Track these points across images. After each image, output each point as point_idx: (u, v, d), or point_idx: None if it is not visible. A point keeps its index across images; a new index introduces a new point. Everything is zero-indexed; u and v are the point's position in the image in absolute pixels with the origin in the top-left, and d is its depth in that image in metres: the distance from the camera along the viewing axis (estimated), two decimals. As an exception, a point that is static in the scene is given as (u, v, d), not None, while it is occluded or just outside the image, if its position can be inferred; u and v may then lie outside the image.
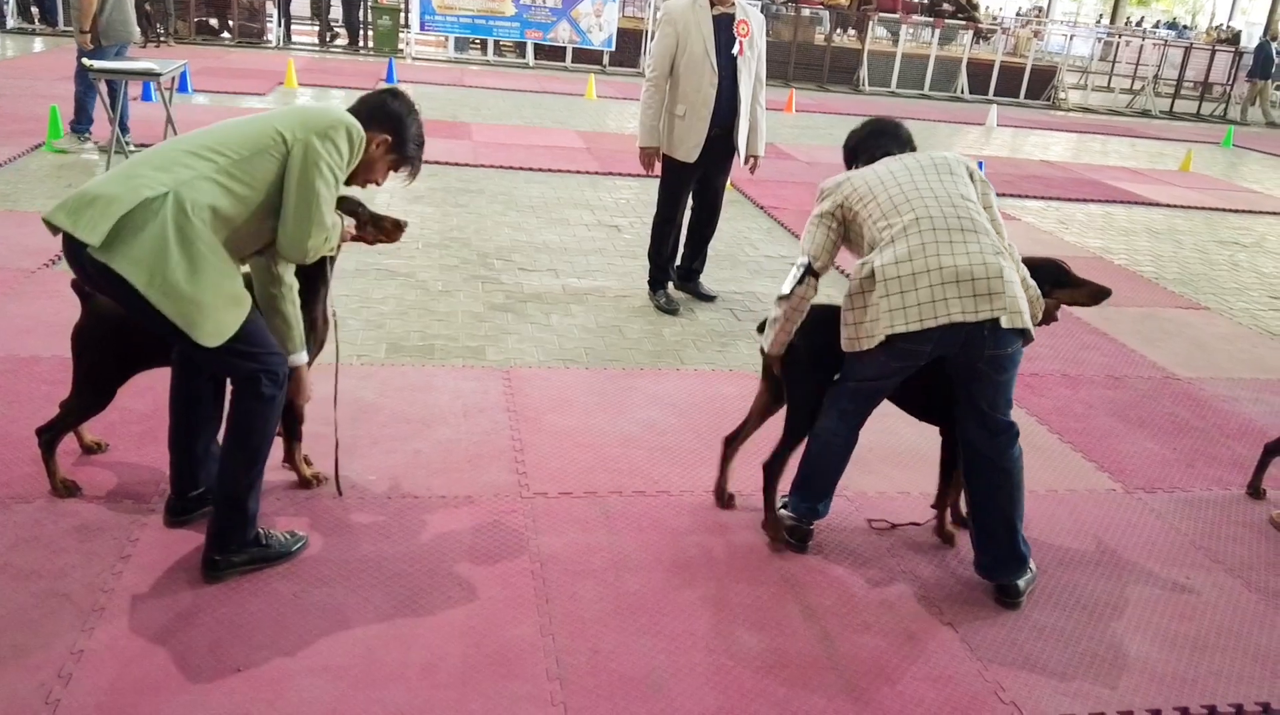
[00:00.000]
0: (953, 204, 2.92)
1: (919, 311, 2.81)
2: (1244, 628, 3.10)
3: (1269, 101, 20.88)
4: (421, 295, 5.36)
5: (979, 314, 2.79)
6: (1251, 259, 8.26)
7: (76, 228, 2.47)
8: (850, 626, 2.91)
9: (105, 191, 2.51)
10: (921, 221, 2.88)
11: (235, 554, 2.83)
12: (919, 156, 3.12)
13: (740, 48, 5.16)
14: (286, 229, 2.66)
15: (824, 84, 19.12)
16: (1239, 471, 4.15)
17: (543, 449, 3.77)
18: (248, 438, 2.76)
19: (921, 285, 2.81)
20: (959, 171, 3.05)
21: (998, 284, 2.80)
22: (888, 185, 3.00)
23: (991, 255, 2.84)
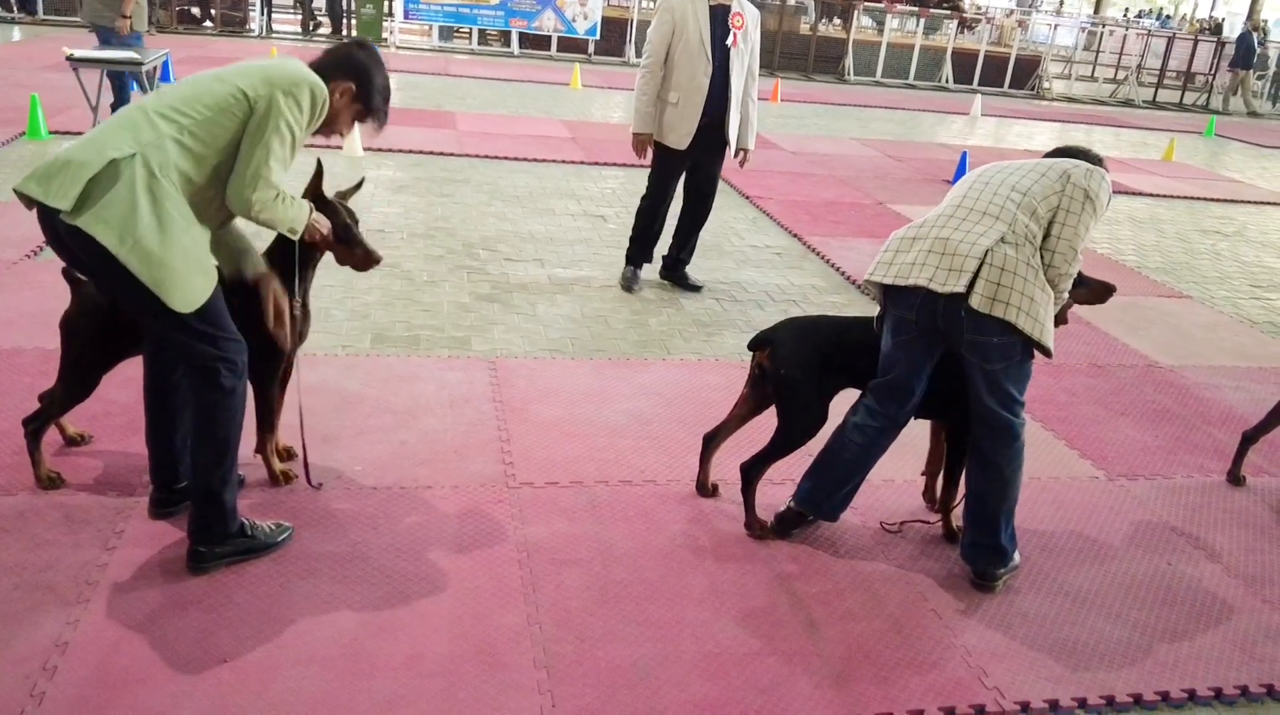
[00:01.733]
0: (996, 191, 2.93)
1: (899, 269, 2.92)
2: (1224, 612, 3.13)
3: (1250, 91, 21.00)
4: (407, 285, 5.34)
5: (946, 285, 2.80)
6: (1233, 248, 8.32)
7: (48, 196, 2.48)
8: (836, 614, 2.93)
9: (74, 157, 2.52)
10: (956, 198, 2.99)
11: (219, 545, 2.82)
12: (1048, 160, 3.06)
13: (735, 39, 5.21)
14: (234, 178, 2.63)
15: (809, 73, 19.12)
16: (1220, 458, 4.20)
17: (529, 439, 3.77)
18: (213, 431, 2.73)
19: (915, 249, 2.92)
20: (1047, 172, 2.95)
21: (971, 263, 2.79)
22: (985, 172, 3.05)
23: (989, 239, 2.81)
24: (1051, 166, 2.97)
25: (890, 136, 12.52)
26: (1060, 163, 2.99)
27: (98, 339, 3.00)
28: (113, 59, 7.66)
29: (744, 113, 5.40)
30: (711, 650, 2.72)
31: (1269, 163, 13.86)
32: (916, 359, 3.01)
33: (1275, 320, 6.35)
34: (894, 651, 2.79)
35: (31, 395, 3.27)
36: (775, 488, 3.44)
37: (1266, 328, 6.16)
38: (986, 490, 3.03)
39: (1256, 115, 20.65)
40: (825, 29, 20.87)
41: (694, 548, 3.19)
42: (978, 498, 3.05)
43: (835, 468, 3.16)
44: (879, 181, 9.39)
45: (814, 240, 7.01)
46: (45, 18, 16.32)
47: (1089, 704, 2.67)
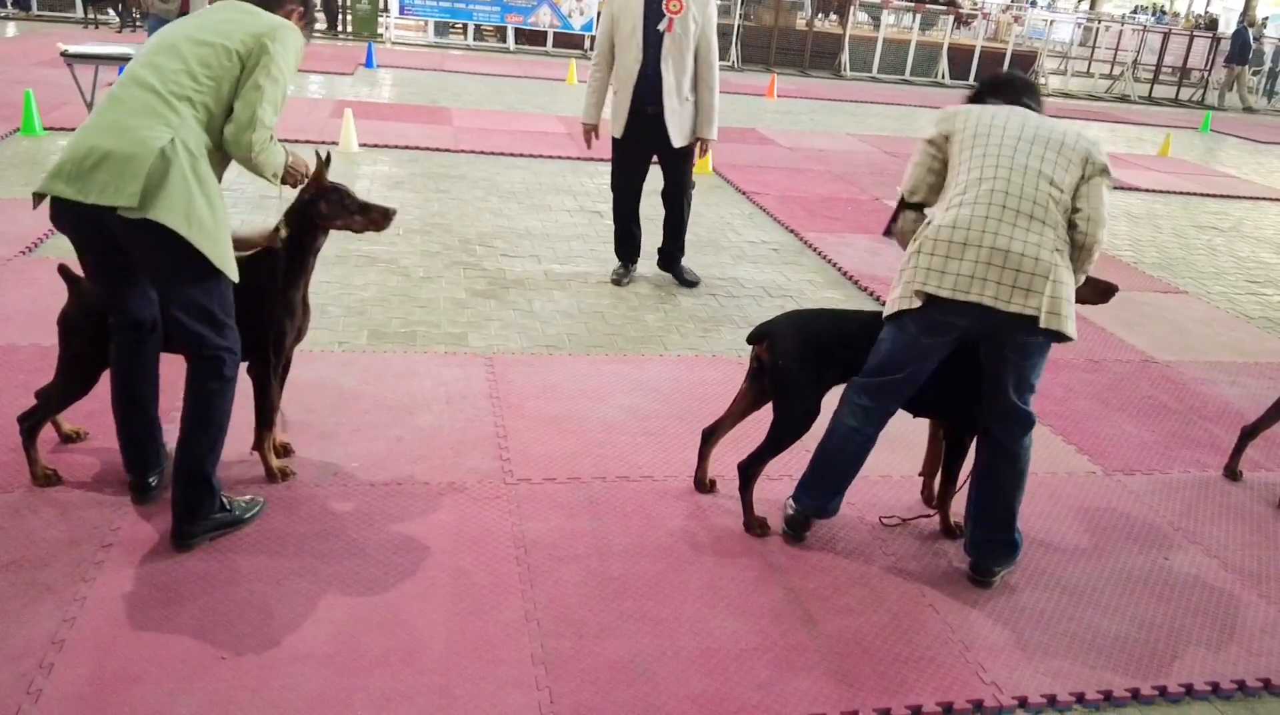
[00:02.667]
0: (1036, 187, 2.81)
1: (955, 280, 2.77)
2: (1221, 607, 3.14)
3: (1246, 87, 21.02)
4: (403, 281, 5.33)
5: (1010, 305, 2.74)
6: (1229, 243, 8.33)
7: (91, 194, 2.55)
8: (833, 609, 2.93)
9: (112, 148, 2.56)
10: (996, 194, 2.81)
11: (205, 522, 2.89)
12: (1042, 120, 2.97)
13: (669, 24, 5.14)
14: (233, 124, 2.70)
15: (805, 69, 19.11)
16: (1216, 453, 4.20)
17: (526, 435, 3.77)
18: (212, 418, 2.83)
19: (968, 257, 2.77)
20: (1070, 154, 2.88)
21: (1040, 283, 2.74)
22: (992, 139, 2.90)
23: (1047, 251, 2.76)
24: (1066, 144, 2.89)
25: (886, 132, 12.52)
26: (1073, 138, 2.92)
27: (96, 337, 2.99)
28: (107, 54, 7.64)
29: (699, 101, 5.28)
30: (709, 646, 2.72)
31: (1264, 158, 13.88)
32: (931, 362, 2.97)
33: (1271, 315, 6.36)
34: (892, 647, 2.79)
35: (27, 392, 3.26)
36: (773, 484, 3.44)
37: (1262, 323, 6.17)
38: (1005, 483, 3.01)
39: (1252, 111, 20.67)
40: (821, 25, 20.86)
41: (692, 543, 3.18)
42: (994, 492, 3.02)
43: (834, 471, 3.13)
44: (875, 177, 9.39)
45: (810, 236, 7.00)
46: (39, 13, 16.26)
47: (1086, 699, 2.67)
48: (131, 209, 2.54)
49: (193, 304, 2.72)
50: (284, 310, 3.10)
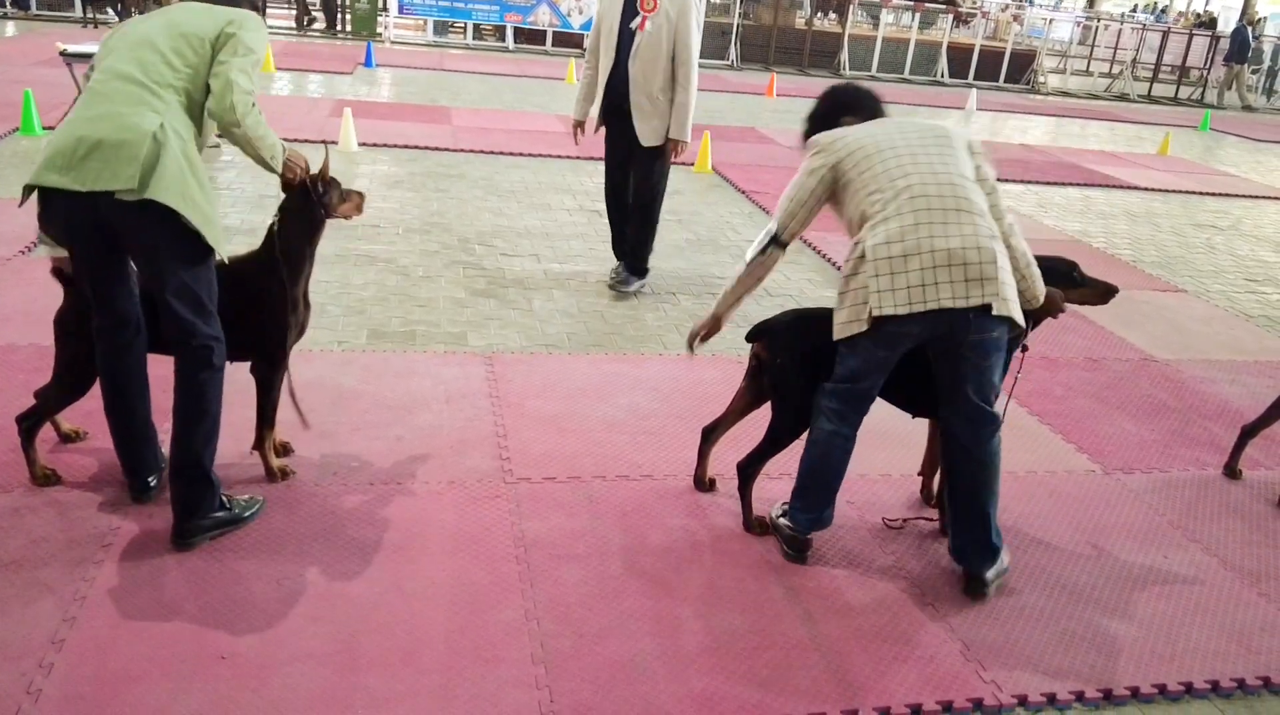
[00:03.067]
0: (950, 182, 2.84)
1: (908, 294, 2.74)
2: (1220, 606, 3.14)
3: (1245, 86, 21.02)
4: (402, 281, 5.33)
5: (969, 300, 2.73)
6: (1228, 242, 8.33)
7: (93, 182, 2.58)
8: (834, 608, 2.93)
9: (98, 136, 2.60)
10: (916, 199, 2.80)
11: (203, 520, 2.89)
12: (917, 124, 3.01)
13: (641, 22, 5.12)
14: (212, 99, 2.74)
15: (804, 68, 19.11)
16: (1216, 452, 4.20)
17: (526, 434, 3.77)
18: (206, 409, 2.85)
19: (913, 268, 2.74)
20: (957, 145, 2.96)
21: (990, 269, 2.74)
22: (884, 153, 2.89)
23: (986, 239, 2.78)
24: (947, 136, 2.97)
25: (886, 131, 12.50)
26: (942, 129, 2.99)
27: (92, 337, 2.99)
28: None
29: (675, 100, 5.19)
30: (709, 644, 2.72)
31: (1264, 157, 13.88)
32: (889, 368, 2.95)
33: (1270, 314, 6.36)
34: (892, 646, 2.79)
35: (27, 392, 3.25)
36: (774, 483, 3.44)
37: (1261, 322, 6.17)
38: (977, 486, 2.97)
39: (1251, 109, 20.67)
40: (820, 23, 20.85)
41: (691, 542, 3.18)
42: (968, 496, 2.98)
43: (823, 479, 3.09)
44: (875, 176, 9.37)
45: (809, 235, 6.98)
46: (38, 13, 16.25)
47: (1086, 697, 2.67)
48: (131, 191, 2.58)
49: (185, 289, 2.76)
50: (286, 309, 3.11)
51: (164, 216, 2.64)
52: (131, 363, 2.95)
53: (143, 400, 3.01)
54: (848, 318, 2.88)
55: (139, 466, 3.06)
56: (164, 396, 2.95)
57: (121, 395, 2.97)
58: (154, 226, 2.67)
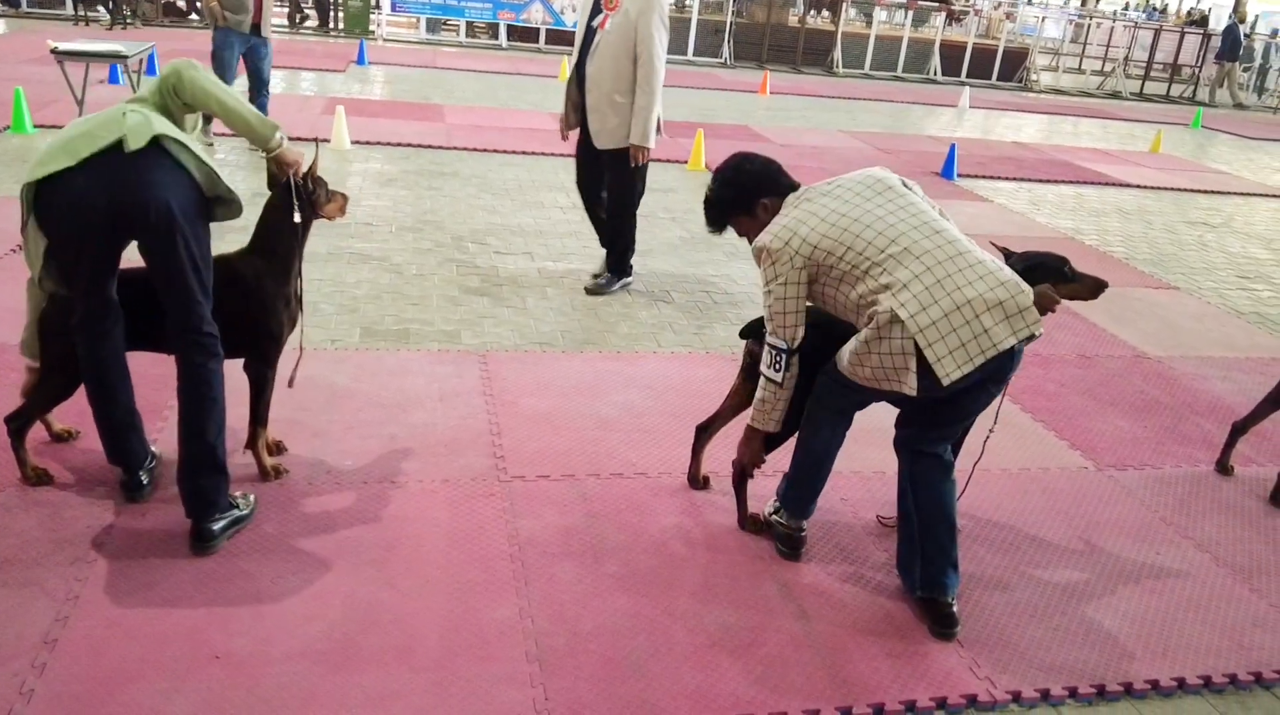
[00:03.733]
0: (933, 229, 2.78)
1: (966, 351, 2.63)
2: (1213, 602, 3.15)
3: (1237, 83, 21.09)
4: (395, 279, 5.32)
5: (1019, 334, 2.66)
6: (1220, 239, 8.36)
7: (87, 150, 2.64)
8: (828, 605, 2.93)
9: (87, 128, 2.69)
10: (922, 258, 2.71)
11: (219, 521, 2.89)
12: (849, 186, 2.92)
13: (603, 21, 5.05)
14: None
15: (798, 66, 19.11)
16: (1208, 449, 4.22)
17: (520, 433, 3.76)
18: (216, 399, 2.87)
19: (959, 323, 2.64)
20: (897, 188, 2.91)
21: (1024, 298, 2.68)
22: (853, 229, 2.79)
23: (996, 270, 2.74)
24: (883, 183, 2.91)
25: (879, 129, 12.53)
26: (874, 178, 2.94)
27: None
28: (97, 51, 7.60)
29: (634, 103, 5.04)
30: (704, 642, 2.72)
31: (1255, 154, 13.92)
32: None
33: (1262, 311, 6.39)
34: (886, 642, 2.79)
35: (17, 391, 3.24)
36: (769, 481, 3.44)
37: (1253, 318, 6.20)
38: (953, 501, 2.90)
39: (1242, 107, 20.74)
40: (814, 21, 20.85)
41: (686, 540, 3.19)
42: (948, 513, 2.88)
43: (821, 472, 3.10)
44: (868, 174, 9.38)
45: (804, 233, 6.99)
46: (29, 10, 16.18)
47: (1080, 693, 2.68)
48: (127, 140, 2.63)
49: (196, 266, 2.77)
50: (279, 305, 3.11)
51: (173, 166, 2.71)
52: (113, 349, 2.96)
53: (126, 387, 3.01)
54: (872, 377, 2.77)
55: (129, 458, 3.06)
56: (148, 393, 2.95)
57: (105, 384, 2.97)
58: (166, 176, 2.70)
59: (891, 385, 2.74)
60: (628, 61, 5.02)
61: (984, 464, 3.66)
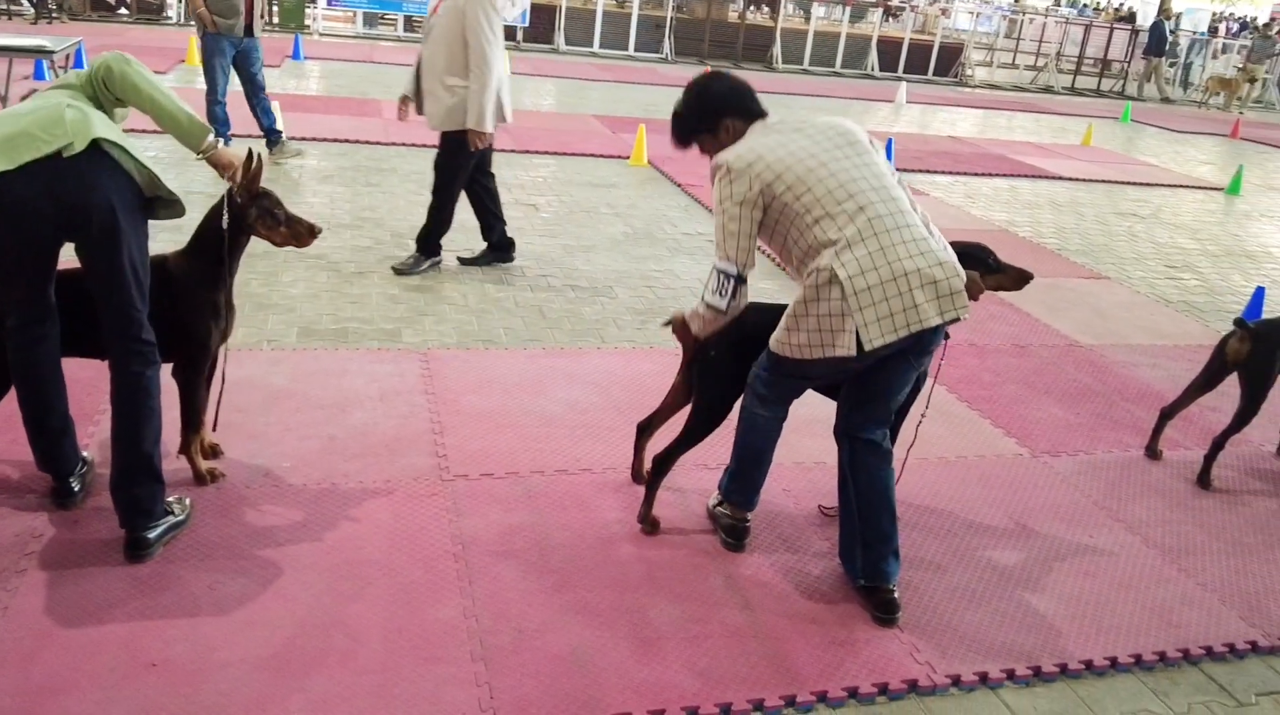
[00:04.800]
0: (890, 195, 2.78)
1: (892, 322, 2.68)
2: (1143, 582, 3.24)
3: (1164, 78, 21.67)
4: (333, 277, 5.25)
5: (944, 316, 2.72)
6: (1148, 229, 8.59)
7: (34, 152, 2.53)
8: (771, 595, 2.96)
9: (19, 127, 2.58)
10: (874, 222, 2.71)
11: (155, 529, 2.83)
12: (820, 128, 2.90)
13: (434, 7, 5.21)
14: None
15: (738, 62, 19.20)
16: (1138, 434, 4.34)
17: (463, 431, 3.74)
18: (153, 407, 2.81)
19: (891, 293, 2.68)
20: (864, 144, 2.89)
21: (957, 282, 2.73)
22: (817, 172, 2.77)
23: (941, 250, 2.77)
24: (850, 136, 2.87)
25: (819, 123, 12.63)
26: (843, 128, 2.89)
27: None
28: (20, 46, 7.39)
29: (468, 88, 5.13)
30: (649, 635, 2.73)
31: (1181, 147, 14.32)
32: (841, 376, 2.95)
33: (1188, 299, 6.58)
34: (829, 630, 2.83)
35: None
36: (713, 474, 3.46)
37: (1180, 306, 6.38)
38: (892, 489, 2.93)
39: (1169, 101, 21.32)
40: (753, 17, 20.97)
41: (631, 535, 3.19)
42: (888, 500, 2.91)
43: (764, 462, 3.12)
44: (808, 168, 9.47)
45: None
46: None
47: (1017, 675, 2.74)
48: (71, 145, 2.56)
49: (135, 269, 2.71)
50: (207, 311, 3.04)
51: (113, 167, 2.64)
52: (49, 353, 2.89)
53: (61, 393, 2.94)
54: (809, 342, 2.77)
55: (61, 464, 2.99)
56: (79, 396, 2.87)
57: (41, 390, 2.89)
58: (108, 178, 2.63)
59: (825, 350, 2.75)
60: (459, 46, 5.11)
61: (922, 452, 3.74)
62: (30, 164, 2.54)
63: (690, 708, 2.48)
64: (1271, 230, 9.26)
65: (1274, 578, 3.36)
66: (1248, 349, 3.89)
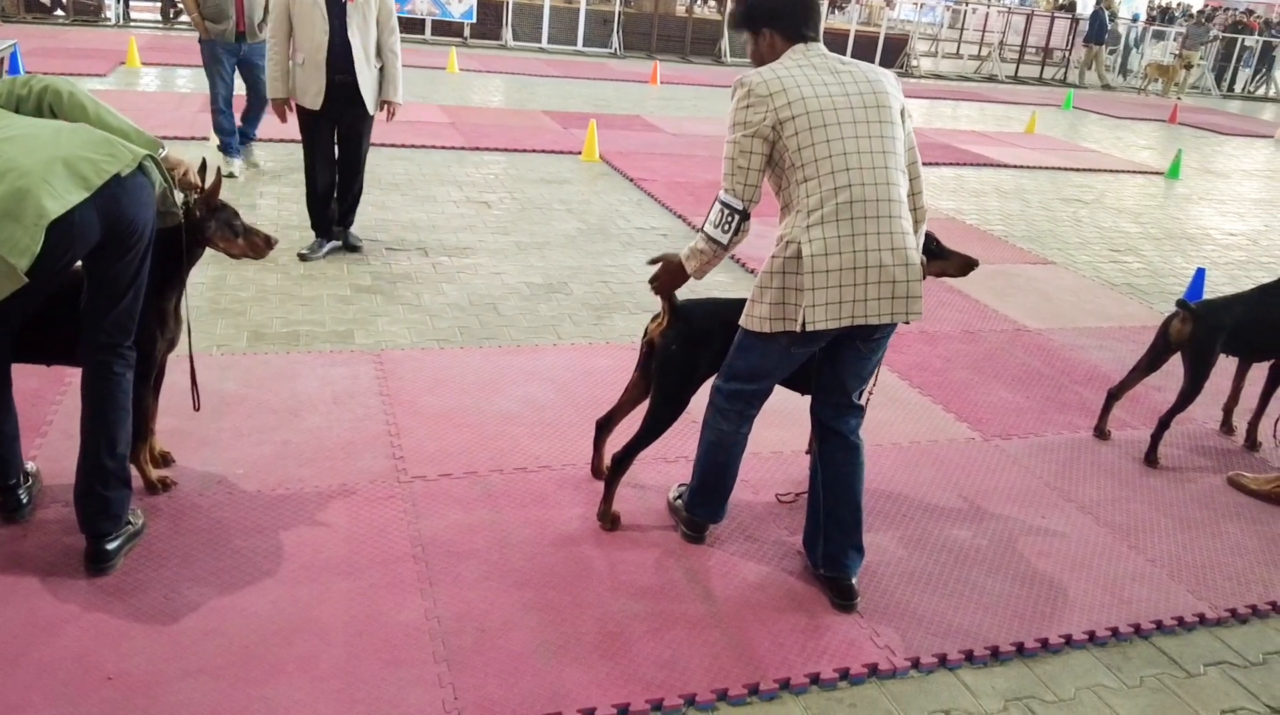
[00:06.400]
0: (887, 178, 2.70)
1: (839, 309, 2.68)
2: (1095, 561, 3.31)
3: (1104, 65, 22.08)
4: (282, 279, 5.18)
5: (894, 316, 2.73)
6: (1092, 214, 8.75)
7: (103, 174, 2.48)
8: (732, 585, 2.98)
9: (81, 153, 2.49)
10: (854, 205, 2.65)
11: (116, 540, 2.80)
12: (856, 78, 2.76)
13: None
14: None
15: (686, 56, 19.24)
16: (1086, 415, 4.42)
17: (420, 432, 3.71)
18: (129, 408, 2.78)
19: (847, 282, 2.66)
20: (895, 115, 2.77)
21: (916, 287, 2.73)
22: (828, 130, 2.66)
23: (913, 248, 2.74)
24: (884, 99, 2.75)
25: (768, 116, 12.70)
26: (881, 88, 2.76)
27: None
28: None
29: (387, 65, 5.54)
30: (612, 629, 2.74)
31: (1122, 133, 14.61)
32: (798, 365, 2.94)
33: (1132, 281, 6.72)
34: (789, 617, 2.86)
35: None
36: (670, 466, 3.47)
37: (1124, 289, 6.51)
38: (853, 478, 2.94)
39: (1109, 88, 21.73)
40: (700, 10, 21.03)
41: (592, 530, 3.20)
42: (844, 490, 2.93)
43: (727, 477, 3.11)
44: (759, 160, 9.51)
45: (698, 221, 7.07)
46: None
47: (975, 655, 2.79)
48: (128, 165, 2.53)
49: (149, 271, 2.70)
50: (154, 320, 2.98)
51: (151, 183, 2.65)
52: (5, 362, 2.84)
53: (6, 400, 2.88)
54: (770, 314, 2.76)
55: (6, 470, 2.92)
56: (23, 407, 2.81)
57: None
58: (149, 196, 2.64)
59: (787, 323, 2.73)
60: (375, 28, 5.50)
61: (875, 438, 3.79)
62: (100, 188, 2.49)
63: (655, 700, 2.49)
64: (1210, 213, 9.49)
65: (1220, 552, 3.45)
66: (1190, 329, 3.99)
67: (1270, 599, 3.19)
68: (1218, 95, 22.95)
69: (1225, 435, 4.40)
